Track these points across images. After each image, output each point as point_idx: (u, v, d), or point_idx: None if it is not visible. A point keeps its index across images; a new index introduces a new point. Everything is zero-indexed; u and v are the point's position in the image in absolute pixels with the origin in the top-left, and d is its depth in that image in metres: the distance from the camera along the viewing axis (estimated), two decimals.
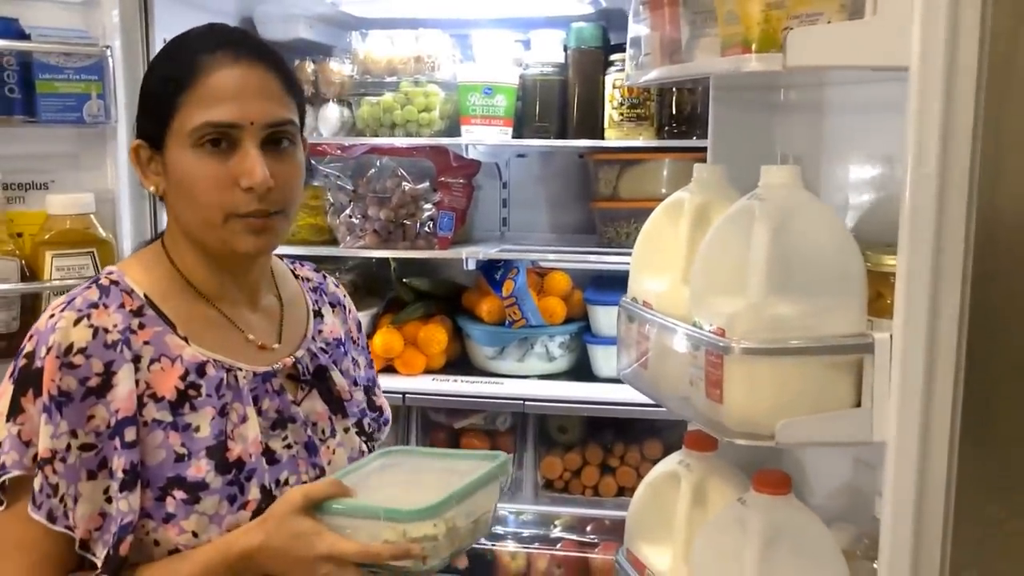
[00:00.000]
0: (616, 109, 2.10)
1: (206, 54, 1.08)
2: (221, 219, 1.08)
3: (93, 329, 1.05)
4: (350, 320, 1.37)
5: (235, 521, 1.07)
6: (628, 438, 2.24)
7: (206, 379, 1.10)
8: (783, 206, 1.11)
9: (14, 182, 1.65)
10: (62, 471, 1.02)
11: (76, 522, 1.02)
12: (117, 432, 1.03)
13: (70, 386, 1.03)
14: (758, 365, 1.06)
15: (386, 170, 2.28)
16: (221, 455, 1.08)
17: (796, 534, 1.15)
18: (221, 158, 1.07)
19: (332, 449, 1.21)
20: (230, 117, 1.06)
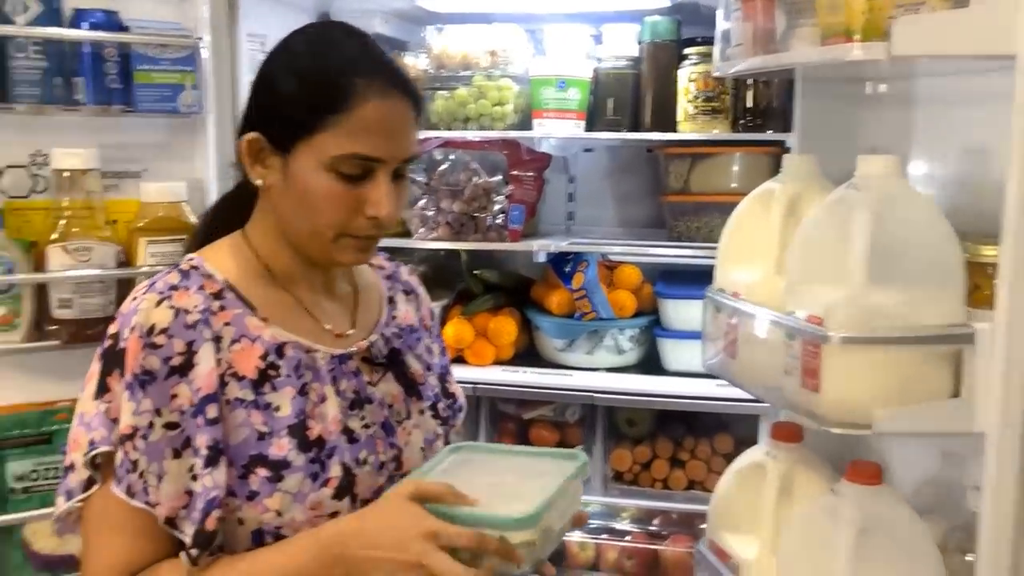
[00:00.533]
0: (691, 102, 2.10)
1: (361, 79, 1.06)
2: (333, 236, 1.10)
3: (174, 310, 1.07)
4: (423, 308, 1.38)
5: (317, 499, 1.08)
6: (698, 432, 2.24)
7: (285, 360, 1.11)
8: (881, 195, 1.11)
9: (110, 170, 1.69)
10: (143, 448, 1.04)
11: (161, 499, 1.04)
12: (200, 410, 1.05)
13: (153, 365, 1.05)
14: (856, 354, 1.06)
15: (459, 163, 2.29)
16: (302, 433, 1.09)
17: (890, 525, 1.15)
18: (351, 184, 1.08)
19: (408, 431, 1.22)
20: (377, 153, 1.07)
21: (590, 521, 2.29)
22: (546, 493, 1.06)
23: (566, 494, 1.10)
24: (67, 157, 1.57)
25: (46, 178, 1.64)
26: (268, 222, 1.16)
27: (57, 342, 1.58)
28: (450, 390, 1.37)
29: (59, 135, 1.63)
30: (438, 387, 1.33)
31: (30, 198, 1.65)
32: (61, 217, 1.58)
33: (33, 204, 1.64)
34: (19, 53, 1.53)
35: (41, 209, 1.63)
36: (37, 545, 1.60)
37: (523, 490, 1.08)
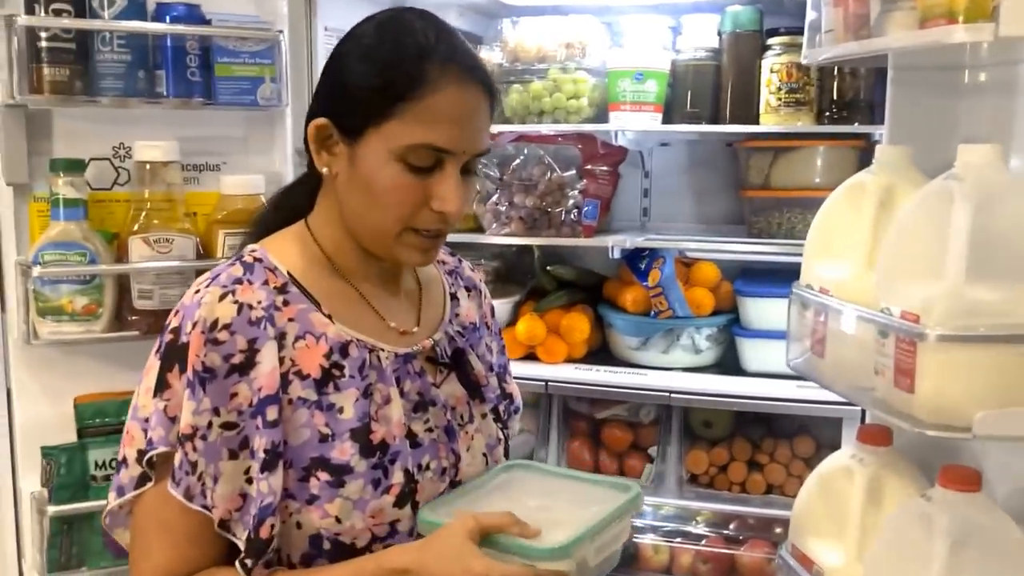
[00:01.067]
0: (774, 94, 2.04)
1: (435, 65, 1.03)
2: (397, 231, 1.07)
3: (238, 305, 1.03)
4: (485, 305, 1.35)
5: (379, 506, 1.05)
6: (778, 434, 2.18)
7: (349, 359, 1.08)
8: (983, 186, 1.06)
9: (190, 163, 1.72)
10: (202, 448, 1.00)
11: (215, 502, 1.01)
12: (259, 411, 1.02)
13: (214, 362, 1.01)
14: (955, 353, 1.01)
15: (532, 158, 2.28)
16: (365, 438, 1.06)
17: (987, 535, 1.09)
18: (420, 175, 1.04)
19: (471, 435, 1.19)
20: (451, 145, 1.03)
21: (664, 523, 2.25)
22: (586, 525, 1.03)
23: (610, 527, 1.07)
24: (149, 149, 1.60)
25: (128, 170, 1.68)
26: (332, 213, 1.12)
27: (137, 332, 1.61)
28: (507, 390, 1.34)
29: (141, 128, 1.66)
30: (498, 387, 1.30)
31: (113, 190, 1.68)
32: (142, 209, 1.61)
33: (116, 196, 1.68)
34: (104, 47, 1.57)
35: (123, 201, 1.67)
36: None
37: (568, 518, 1.06)
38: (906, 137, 1.36)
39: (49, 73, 1.52)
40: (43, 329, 1.56)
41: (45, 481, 1.61)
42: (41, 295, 1.55)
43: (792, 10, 2.04)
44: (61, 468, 1.58)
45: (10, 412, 1.65)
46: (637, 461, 2.25)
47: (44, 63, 1.52)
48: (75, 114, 1.63)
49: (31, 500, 1.61)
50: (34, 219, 1.60)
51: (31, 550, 1.63)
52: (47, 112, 1.60)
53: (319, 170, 1.11)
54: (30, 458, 1.63)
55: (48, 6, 1.51)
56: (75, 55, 1.54)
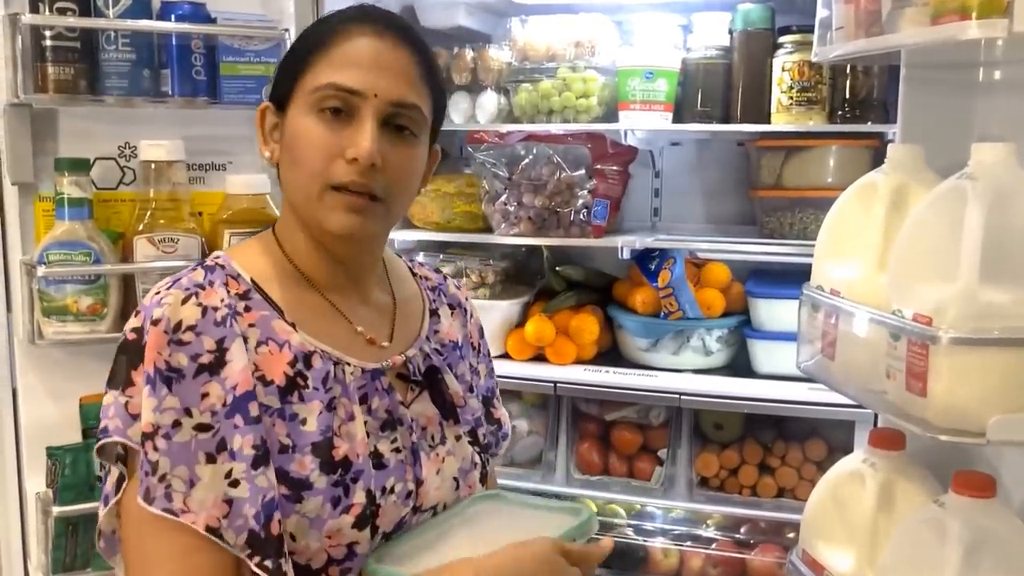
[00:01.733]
0: (785, 93, 2.02)
1: (353, 24, 1.07)
2: (319, 190, 1.04)
3: (202, 308, 1.01)
4: (471, 324, 1.31)
5: (336, 526, 1.01)
6: (789, 437, 2.15)
7: (312, 370, 1.05)
8: (998, 186, 1.04)
9: (195, 163, 1.72)
10: (164, 448, 0.96)
11: (192, 507, 0.95)
12: (237, 409, 0.98)
13: (180, 362, 0.97)
14: (968, 356, 1.00)
15: (541, 157, 2.27)
16: (327, 453, 1.02)
17: (1002, 542, 1.07)
18: (336, 127, 1.03)
19: (441, 457, 1.15)
20: (354, 83, 1.03)
21: (674, 527, 2.23)
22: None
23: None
24: (154, 149, 1.60)
25: (133, 170, 1.67)
26: (288, 214, 1.12)
27: None
28: (495, 415, 1.31)
29: (147, 127, 1.66)
30: (481, 411, 1.26)
31: (118, 189, 1.68)
32: (147, 209, 1.61)
33: (121, 195, 1.67)
34: (109, 46, 1.56)
35: (128, 200, 1.66)
36: None
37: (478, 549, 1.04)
38: (919, 136, 1.34)
39: (54, 72, 1.52)
40: (48, 329, 1.56)
41: (50, 482, 1.61)
42: (46, 295, 1.55)
43: (804, 8, 2.02)
44: (66, 469, 1.58)
45: (15, 412, 1.65)
46: (647, 463, 2.23)
47: (49, 62, 1.52)
48: (80, 113, 1.62)
49: (36, 500, 1.60)
50: (39, 218, 1.60)
51: (36, 551, 1.63)
52: (52, 111, 1.60)
53: (269, 163, 1.12)
54: (35, 458, 1.63)
55: (53, 5, 1.51)
56: (80, 54, 1.54)
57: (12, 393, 1.64)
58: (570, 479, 2.25)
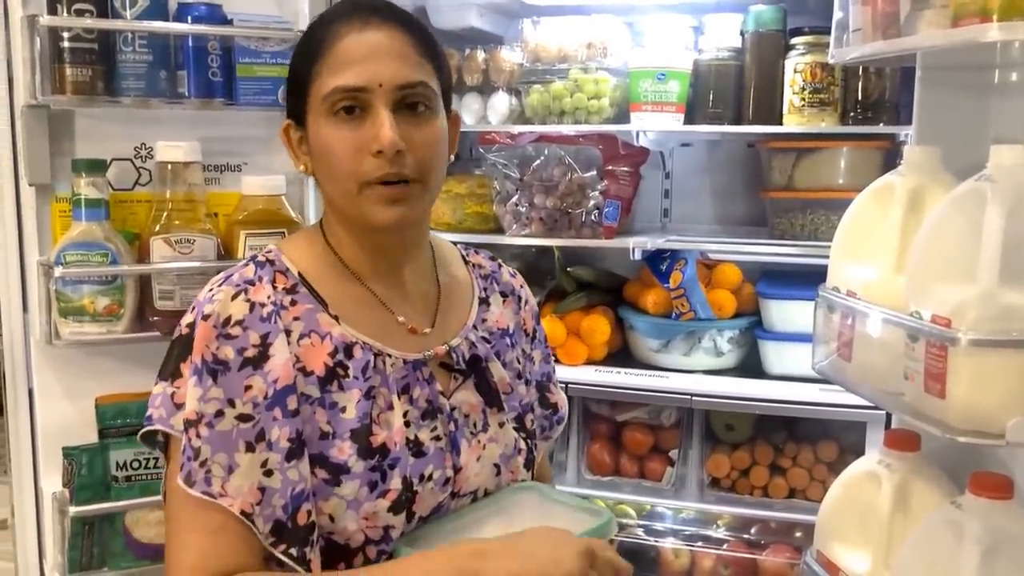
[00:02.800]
0: (797, 94, 2.03)
1: (338, 23, 1.09)
2: (356, 189, 1.07)
3: (250, 303, 1.06)
4: (524, 311, 1.33)
5: (372, 509, 1.05)
6: (801, 439, 2.17)
7: (353, 360, 1.09)
8: (1017, 188, 1.04)
9: (211, 164, 1.72)
10: (207, 436, 1.01)
11: (229, 492, 1.01)
12: (277, 402, 1.03)
13: (227, 355, 1.03)
14: (987, 358, 1.00)
15: (553, 158, 2.28)
16: (365, 439, 1.06)
17: (1020, 544, 1.07)
18: (354, 125, 1.06)
19: (483, 444, 1.17)
20: (357, 81, 1.05)
21: (685, 527, 2.24)
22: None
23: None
24: (170, 150, 1.60)
25: (150, 170, 1.68)
26: (331, 214, 1.16)
27: (158, 333, 1.60)
28: (551, 400, 1.33)
29: (163, 128, 1.66)
30: (530, 397, 1.28)
31: (134, 190, 1.68)
32: (164, 209, 1.61)
33: (137, 196, 1.68)
34: (126, 47, 1.57)
35: (145, 201, 1.67)
36: (137, 533, 1.63)
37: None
38: (934, 138, 1.34)
39: (71, 73, 1.52)
40: (65, 329, 1.57)
41: (67, 481, 1.61)
42: (63, 295, 1.55)
43: (816, 9, 2.03)
44: (82, 468, 1.58)
45: (32, 412, 1.66)
46: (658, 464, 2.24)
47: (66, 63, 1.52)
48: (97, 114, 1.63)
49: (52, 500, 1.61)
50: (56, 219, 1.60)
51: (52, 550, 1.63)
52: (69, 112, 1.60)
53: (305, 174, 1.16)
54: (52, 458, 1.64)
55: (70, 6, 1.51)
56: (97, 55, 1.54)
57: (29, 393, 1.65)
58: (581, 479, 2.27)
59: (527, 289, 1.37)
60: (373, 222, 1.09)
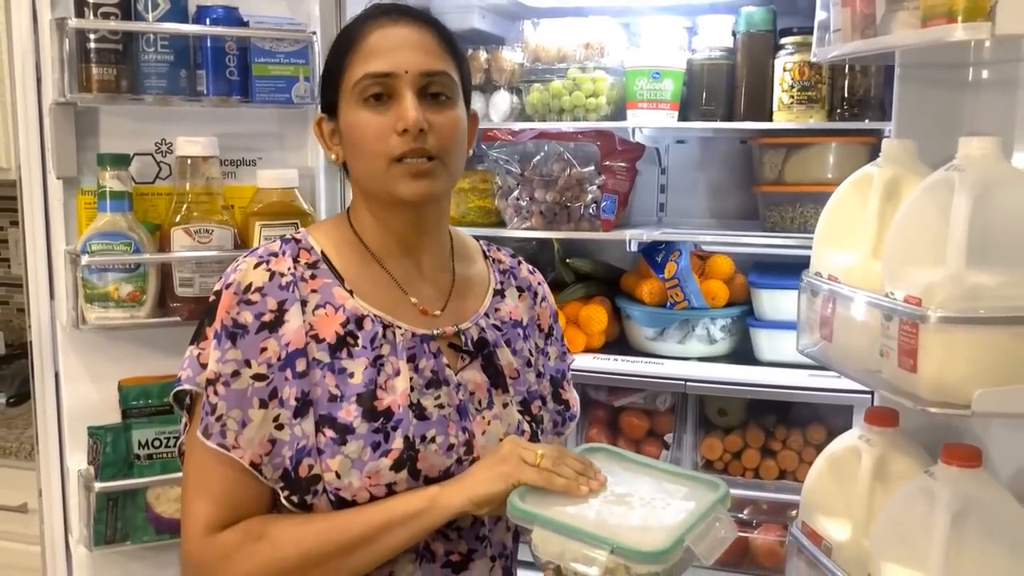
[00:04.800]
0: (786, 91, 2.10)
1: (369, 21, 1.19)
2: (385, 165, 1.16)
3: (270, 272, 1.16)
4: (540, 307, 1.40)
5: (375, 467, 1.13)
6: (791, 422, 2.23)
7: (363, 331, 1.17)
8: (983, 177, 1.10)
9: (228, 158, 1.79)
10: (224, 393, 1.11)
11: (241, 444, 1.11)
12: (288, 363, 1.13)
13: (246, 319, 1.13)
14: (955, 334, 1.05)
15: (552, 154, 2.33)
16: (369, 403, 1.14)
17: (987, 509, 1.13)
18: (383, 110, 1.16)
19: (487, 420, 1.24)
20: (385, 67, 1.15)
21: None
22: (680, 526, 1.06)
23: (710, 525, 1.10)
24: (189, 145, 1.67)
25: (170, 165, 1.75)
26: (357, 196, 1.25)
27: (178, 318, 1.67)
28: (563, 397, 1.39)
29: (182, 124, 1.73)
30: (542, 389, 1.34)
31: (155, 184, 1.75)
32: (183, 202, 1.67)
33: (158, 189, 1.75)
34: (148, 48, 1.63)
35: (165, 194, 1.73)
36: (158, 508, 1.70)
37: (658, 516, 1.09)
38: (912, 132, 1.39)
39: (97, 73, 1.59)
40: (91, 315, 1.63)
41: (91, 459, 1.68)
42: (89, 283, 1.62)
43: (804, 11, 2.08)
44: (107, 447, 1.65)
45: (58, 394, 1.72)
46: (653, 448, 2.30)
47: (92, 63, 1.59)
48: (120, 111, 1.70)
49: (78, 477, 1.68)
50: (82, 211, 1.67)
51: (78, 524, 1.70)
52: (94, 110, 1.67)
53: (336, 164, 1.25)
54: (77, 437, 1.71)
55: (97, 9, 1.58)
56: (121, 56, 1.61)
57: (55, 376, 1.72)
58: None
59: (546, 287, 1.44)
60: (400, 195, 1.18)
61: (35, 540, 1.83)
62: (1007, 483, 1.32)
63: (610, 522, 1.08)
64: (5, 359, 2.85)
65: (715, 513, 1.14)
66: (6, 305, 3.14)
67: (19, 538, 2.27)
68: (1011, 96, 1.37)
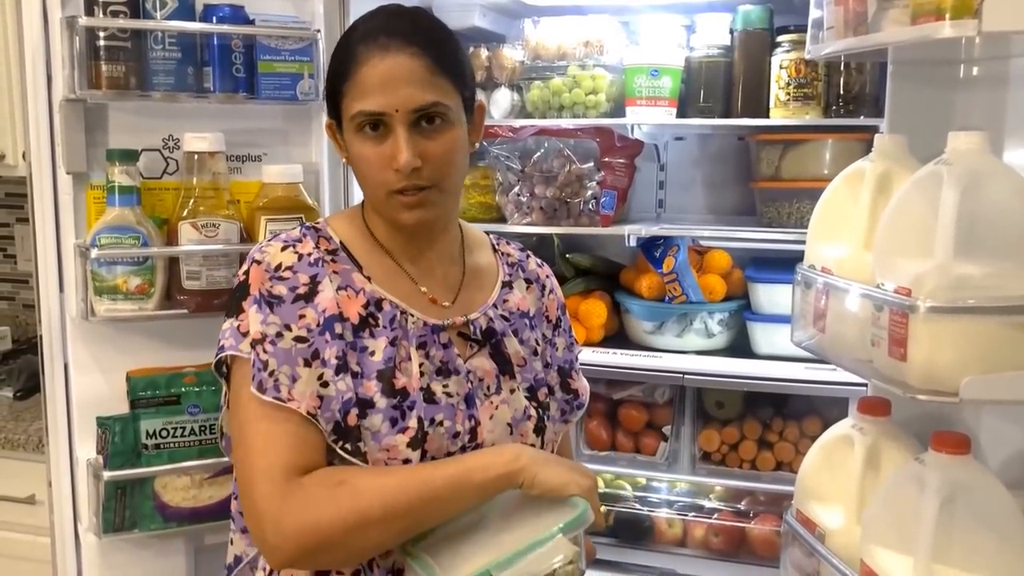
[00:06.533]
0: (783, 88, 2.13)
1: (362, 45, 1.19)
2: (384, 196, 1.21)
3: (298, 255, 1.21)
4: (548, 299, 1.43)
5: (392, 442, 1.17)
6: (787, 415, 2.25)
7: (382, 313, 1.22)
8: (971, 170, 1.13)
9: (234, 154, 1.81)
10: (272, 351, 1.15)
11: (295, 397, 1.14)
12: (327, 327, 1.17)
13: (280, 292, 1.18)
14: (943, 324, 1.08)
15: (552, 150, 2.36)
16: (388, 380, 1.19)
17: (976, 495, 1.16)
18: (379, 141, 1.19)
19: (495, 404, 1.27)
20: (376, 107, 1.17)
21: (678, 499, 2.33)
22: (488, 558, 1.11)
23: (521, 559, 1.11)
24: (196, 141, 1.69)
25: (177, 160, 1.77)
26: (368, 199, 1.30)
27: (186, 311, 1.70)
28: (572, 386, 1.42)
29: (189, 121, 1.75)
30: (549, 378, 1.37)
31: (163, 179, 1.78)
32: (190, 196, 1.70)
33: (165, 184, 1.77)
34: (156, 45, 1.66)
35: (172, 189, 1.76)
36: (166, 497, 1.73)
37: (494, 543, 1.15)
38: (905, 128, 1.42)
39: (107, 70, 1.62)
40: (100, 307, 1.66)
41: (100, 449, 1.70)
42: (98, 275, 1.65)
43: (801, 9, 2.08)
44: (116, 437, 1.67)
45: (67, 385, 1.75)
46: (652, 439, 2.33)
47: (102, 60, 1.61)
48: (129, 108, 1.72)
49: (87, 466, 1.70)
50: (91, 205, 1.70)
51: (87, 513, 1.73)
52: (103, 106, 1.69)
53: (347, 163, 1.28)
54: (85, 427, 1.73)
55: (105, 8, 1.60)
56: (130, 53, 1.63)
57: (64, 367, 1.74)
58: (579, 455, 2.35)
59: (554, 280, 1.47)
60: (400, 223, 1.24)
61: (43, 531, 1.86)
62: (997, 471, 1.35)
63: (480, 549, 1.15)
64: (12, 354, 2.87)
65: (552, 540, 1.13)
66: (13, 301, 3.17)
67: (27, 529, 2.30)
68: (1001, 92, 1.41)
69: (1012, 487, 1.22)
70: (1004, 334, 1.09)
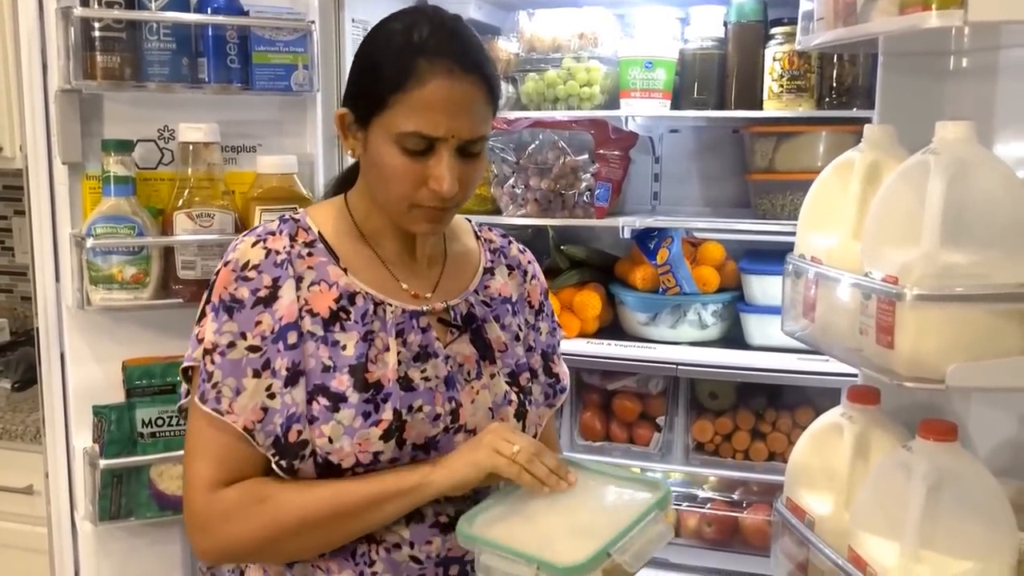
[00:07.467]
0: (776, 81, 2.13)
1: (426, 59, 1.13)
2: (405, 207, 1.20)
3: (266, 251, 1.21)
4: (530, 285, 1.43)
5: (365, 435, 1.18)
6: (780, 405, 2.26)
7: (355, 307, 1.22)
8: (958, 159, 1.13)
9: (228, 145, 1.82)
10: (219, 362, 1.17)
11: (235, 410, 1.16)
12: (280, 336, 1.18)
13: (243, 295, 1.18)
14: (930, 311, 1.09)
15: (547, 142, 2.36)
16: (361, 375, 1.19)
17: (962, 481, 1.17)
18: (418, 158, 1.16)
19: (476, 389, 1.28)
20: (437, 131, 1.14)
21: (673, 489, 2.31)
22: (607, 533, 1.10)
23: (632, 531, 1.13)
24: (191, 131, 1.70)
25: (172, 151, 1.78)
26: (364, 187, 1.28)
27: (181, 300, 1.71)
28: (554, 370, 1.43)
29: (184, 111, 1.76)
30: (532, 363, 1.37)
31: (158, 169, 1.79)
32: (185, 187, 1.71)
33: (160, 175, 1.78)
34: (151, 36, 1.67)
35: (168, 179, 1.77)
36: (162, 485, 1.74)
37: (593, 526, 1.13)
38: (895, 118, 1.41)
39: (102, 60, 1.63)
40: (95, 296, 1.67)
41: (96, 437, 1.72)
42: (93, 265, 1.66)
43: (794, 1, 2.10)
44: (112, 425, 1.69)
45: (64, 374, 1.76)
46: (646, 430, 2.34)
47: (97, 51, 1.62)
48: (124, 98, 1.73)
49: (84, 455, 1.72)
50: (87, 195, 1.71)
51: (84, 501, 1.74)
52: (99, 96, 1.71)
53: (352, 157, 1.27)
54: (81, 416, 1.75)
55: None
56: (125, 44, 1.65)
57: (61, 356, 1.75)
58: (574, 445, 2.36)
59: (536, 265, 1.47)
60: (413, 231, 1.25)
61: (40, 521, 1.87)
62: (985, 459, 1.36)
63: (550, 535, 1.13)
64: (10, 345, 2.88)
65: (650, 518, 1.17)
66: (11, 293, 3.18)
67: (24, 519, 2.31)
68: (990, 83, 1.41)
69: (1001, 474, 1.23)
70: (990, 322, 1.10)
